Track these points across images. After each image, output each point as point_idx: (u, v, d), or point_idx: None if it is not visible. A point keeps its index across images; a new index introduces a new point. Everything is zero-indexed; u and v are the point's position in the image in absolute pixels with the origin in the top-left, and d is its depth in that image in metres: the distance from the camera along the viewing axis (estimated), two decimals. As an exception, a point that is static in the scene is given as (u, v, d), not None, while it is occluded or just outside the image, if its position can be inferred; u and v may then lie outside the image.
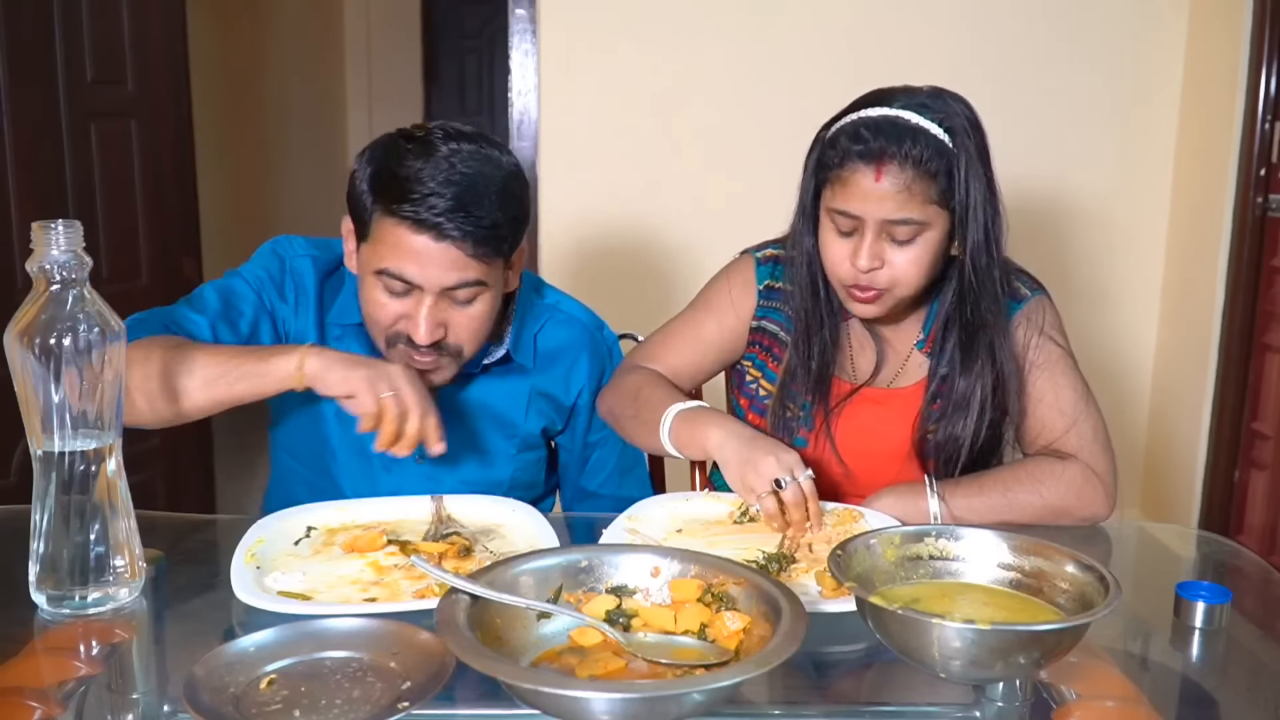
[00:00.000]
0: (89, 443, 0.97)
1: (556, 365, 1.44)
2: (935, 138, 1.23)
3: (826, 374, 1.38)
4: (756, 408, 1.44)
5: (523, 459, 1.45)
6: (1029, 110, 2.88)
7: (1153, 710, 0.95)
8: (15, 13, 2.42)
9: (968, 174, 1.24)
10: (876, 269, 1.26)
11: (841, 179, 1.25)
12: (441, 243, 1.20)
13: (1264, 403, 2.73)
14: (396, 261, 1.21)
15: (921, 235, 1.25)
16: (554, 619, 0.88)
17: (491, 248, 1.23)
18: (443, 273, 1.22)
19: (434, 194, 1.19)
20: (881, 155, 1.22)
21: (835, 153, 1.26)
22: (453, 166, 1.20)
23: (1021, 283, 1.40)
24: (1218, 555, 1.34)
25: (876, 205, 1.23)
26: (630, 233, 2.90)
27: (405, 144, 1.23)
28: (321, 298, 1.37)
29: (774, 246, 1.45)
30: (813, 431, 1.40)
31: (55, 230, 0.94)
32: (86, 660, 0.95)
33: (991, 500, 1.28)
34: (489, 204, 1.21)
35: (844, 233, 1.28)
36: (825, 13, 2.84)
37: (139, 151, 2.81)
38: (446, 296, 1.24)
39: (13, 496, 1.85)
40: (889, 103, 1.25)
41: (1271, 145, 2.67)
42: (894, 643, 0.85)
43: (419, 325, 1.23)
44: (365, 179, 1.24)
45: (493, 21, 5.39)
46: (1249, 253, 2.71)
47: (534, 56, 2.85)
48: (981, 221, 1.26)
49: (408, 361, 1.27)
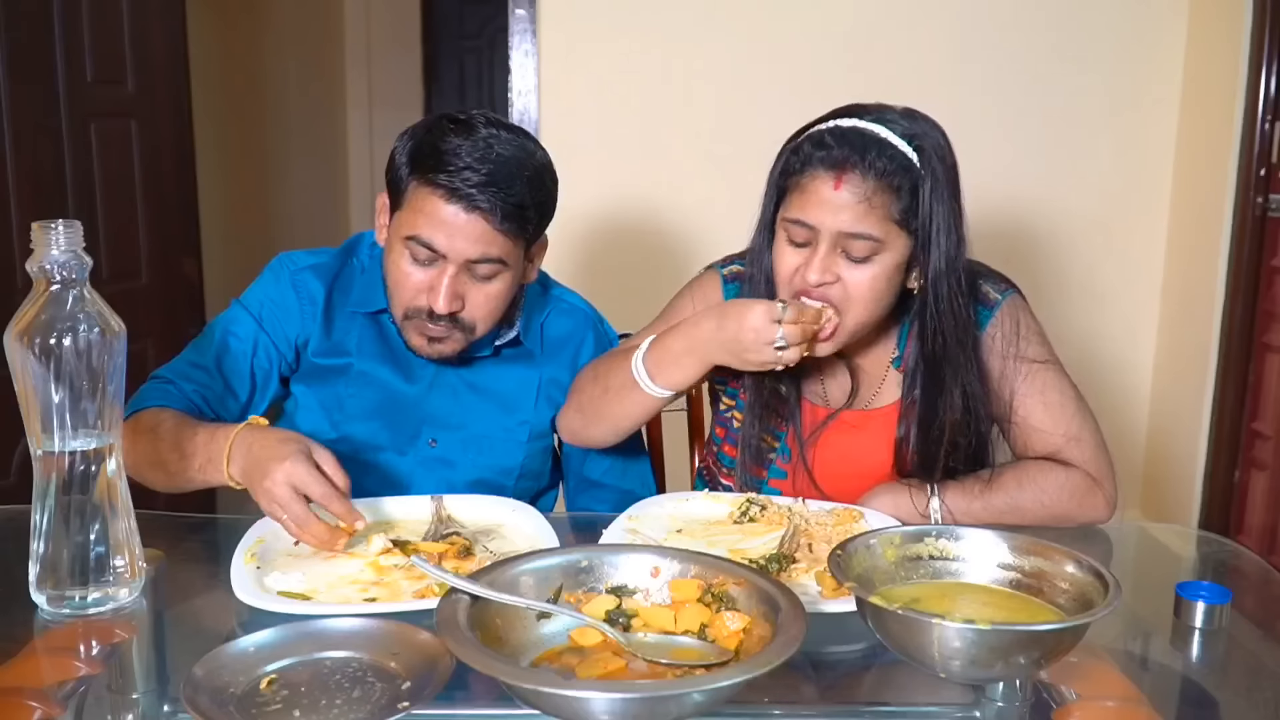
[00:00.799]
0: (89, 443, 0.97)
1: (563, 352, 1.48)
2: (901, 153, 1.19)
3: (791, 399, 1.35)
4: (732, 439, 1.42)
5: (532, 447, 1.47)
6: (1029, 110, 2.88)
7: (1153, 710, 0.95)
8: (15, 13, 2.42)
9: (932, 196, 1.20)
10: (828, 284, 1.22)
11: (801, 186, 1.22)
12: (471, 214, 1.25)
13: (1264, 403, 2.73)
14: (427, 229, 1.26)
15: (877, 255, 1.21)
16: (554, 619, 0.88)
17: (516, 225, 1.28)
18: (468, 244, 1.26)
19: (469, 168, 1.24)
20: (844, 164, 1.18)
21: (798, 159, 1.23)
22: (490, 146, 1.26)
23: (990, 285, 1.35)
24: (1218, 555, 1.34)
25: (833, 215, 1.19)
26: (630, 232, 2.90)
27: (448, 123, 1.29)
28: (331, 298, 1.42)
29: (738, 263, 1.41)
30: (789, 462, 1.37)
31: (55, 230, 0.94)
32: (86, 660, 0.95)
33: (993, 502, 1.27)
34: (520, 184, 1.27)
35: (797, 243, 1.23)
36: (825, 13, 2.83)
37: (139, 151, 2.81)
38: (468, 270, 1.28)
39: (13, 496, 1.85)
40: (859, 116, 1.23)
41: (1271, 145, 2.67)
42: (894, 643, 0.84)
43: (439, 294, 1.27)
44: (405, 151, 1.30)
45: (493, 21, 5.39)
46: (1249, 253, 2.71)
47: (534, 56, 2.86)
48: (944, 249, 1.22)
49: (422, 332, 1.32)
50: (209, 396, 1.36)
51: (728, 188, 2.90)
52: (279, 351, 1.40)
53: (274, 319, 1.40)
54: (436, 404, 1.43)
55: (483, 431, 1.44)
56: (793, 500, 1.29)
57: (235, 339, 1.39)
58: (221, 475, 1.18)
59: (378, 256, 1.41)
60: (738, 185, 2.91)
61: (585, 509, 1.52)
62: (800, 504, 1.28)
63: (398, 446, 1.43)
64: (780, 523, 1.23)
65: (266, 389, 1.41)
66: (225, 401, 1.38)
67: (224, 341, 1.39)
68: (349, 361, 1.41)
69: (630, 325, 1.72)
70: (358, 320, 1.42)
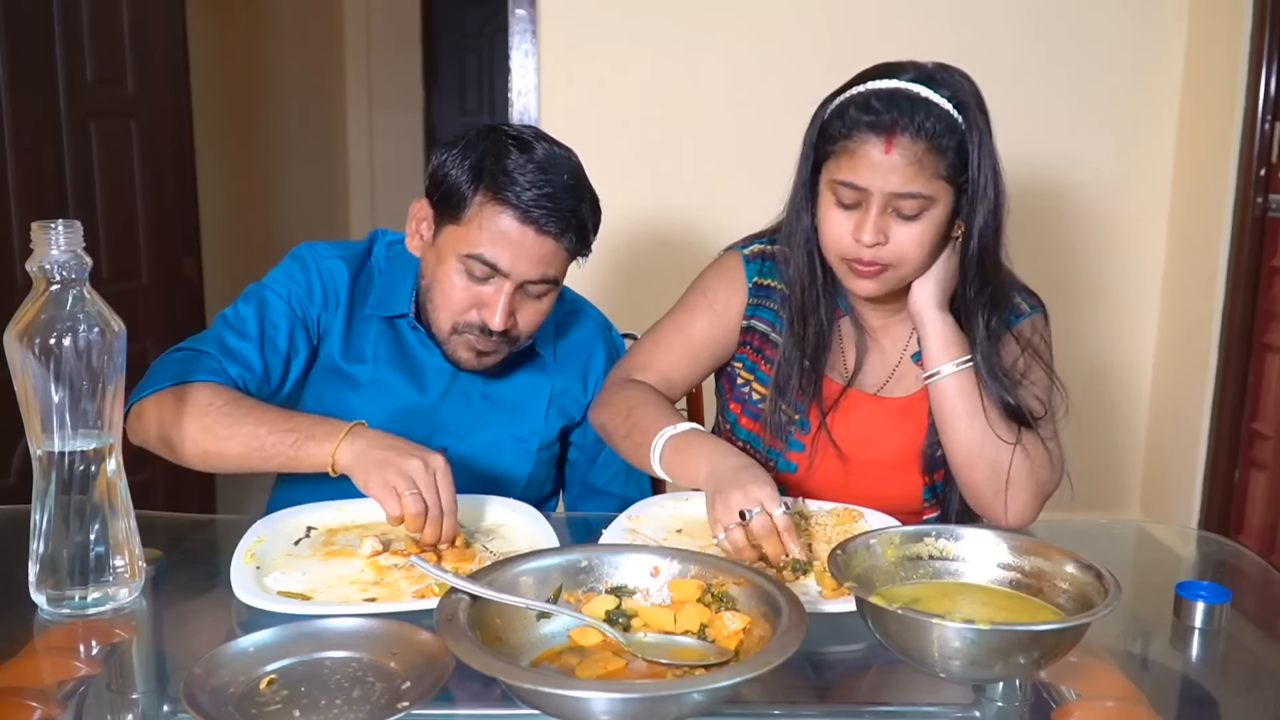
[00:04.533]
0: (89, 443, 0.97)
1: (574, 360, 1.48)
2: (946, 112, 1.21)
3: (820, 364, 1.36)
4: (750, 412, 1.42)
5: (540, 456, 1.47)
6: (1028, 110, 2.87)
7: (1153, 710, 0.95)
8: (15, 13, 2.42)
9: (980, 150, 1.23)
10: (880, 244, 1.23)
11: (849, 150, 1.22)
12: (542, 236, 1.26)
13: (1264, 403, 2.73)
14: (493, 248, 1.26)
15: (927, 211, 1.23)
16: (554, 619, 0.88)
17: (581, 245, 1.31)
18: (532, 265, 1.27)
19: (538, 188, 1.25)
20: (893, 127, 1.20)
21: (842, 124, 1.23)
22: (554, 166, 1.28)
23: (1022, 299, 1.38)
24: (1218, 555, 1.34)
25: (884, 178, 1.21)
26: (631, 232, 2.90)
27: (507, 139, 1.28)
28: (353, 293, 1.41)
29: (760, 242, 1.42)
30: (808, 435, 1.38)
31: (55, 230, 0.94)
32: (86, 660, 0.95)
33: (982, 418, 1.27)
34: (585, 205, 1.30)
35: (846, 205, 1.25)
36: (826, 11, 2.84)
37: (139, 151, 2.81)
38: (522, 288, 1.29)
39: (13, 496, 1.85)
40: (897, 75, 1.23)
41: (1271, 145, 2.66)
42: (894, 643, 0.84)
43: (495, 313, 1.28)
44: (464, 166, 1.28)
45: (493, 21, 5.39)
46: (1249, 253, 2.70)
47: (534, 56, 2.85)
48: (991, 199, 1.25)
49: (471, 347, 1.32)
50: (250, 380, 1.33)
51: (728, 186, 2.90)
52: (309, 339, 1.39)
53: (301, 306, 1.38)
54: (449, 412, 1.42)
55: (493, 440, 1.44)
56: (791, 500, 1.29)
57: (271, 325, 1.36)
58: (326, 451, 1.18)
59: (395, 259, 1.41)
60: (739, 183, 2.92)
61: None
62: (800, 504, 1.28)
63: None
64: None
65: (296, 376, 1.39)
66: (262, 388, 1.35)
67: (261, 326, 1.35)
68: (364, 369, 1.40)
69: (631, 324, 1.72)
70: (374, 324, 1.41)
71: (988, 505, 1.29)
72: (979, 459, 1.28)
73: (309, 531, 1.19)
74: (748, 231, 1.46)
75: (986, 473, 1.28)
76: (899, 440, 1.38)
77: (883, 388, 1.40)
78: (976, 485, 1.29)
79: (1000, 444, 1.27)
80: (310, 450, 1.19)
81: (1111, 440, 3.08)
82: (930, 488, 1.39)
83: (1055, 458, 1.31)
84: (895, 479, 1.38)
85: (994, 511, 1.29)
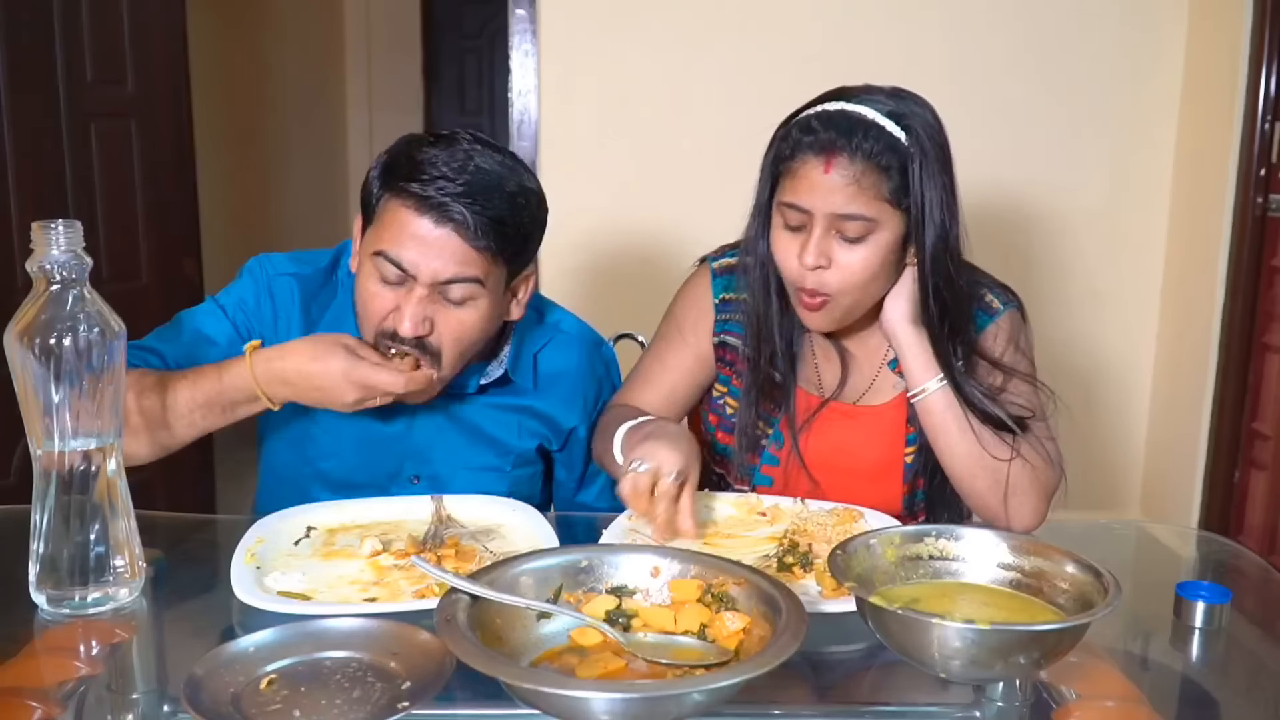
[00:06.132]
0: (89, 443, 0.97)
1: (557, 388, 1.41)
2: (888, 133, 1.20)
3: (785, 383, 1.35)
4: (725, 425, 1.42)
5: (518, 474, 1.41)
6: (1028, 111, 2.88)
7: (1153, 710, 0.95)
8: (15, 13, 2.42)
9: (922, 173, 1.21)
10: (823, 268, 1.22)
11: (792, 171, 1.23)
12: (443, 227, 1.17)
13: (1264, 403, 2.73)
14: (394, 244, 1.18)
15: (871, 235, 1.21)
16: (554, 619, 0.88)
17: (494, 243, 1.19)
18: (440, 261, 1.18)
19: (444, 177, 1.17)
20: (831, 147, 1.19)
21: (787, 145, 1.24)
22: (469, 158, 1.19)
23: (994, 295, 1.36)
24: (1218, 555, 1.34)
25: (825, 198, 1.20)
26: (631, 232, 2.90)
27: (428, 136, 1.23)
28: (309, 312, 1.34)
29: (730, 255, 1.41)
30: (782, 449, 1.37)
31: (55, 230, 0.94)
32: (86, 660, 0.95)
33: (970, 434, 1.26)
34: (499, 199, 1.19)
35: (792, 227, 1.24)
36: (826, 13, 2.84)
37: (139, 151, 2.81)
38: (439, 293, 1.20)
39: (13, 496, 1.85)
40: (847, 99, 1.24)
41: (1271, 145, 2.67)
42: (894, 643, 0.84)
43: (404, 316, 1.19)
44: (379, 165, 1.24)
45: (493, 21, 5.39)
46: (1249, 253, 2.70)
47: (534, 56, 2.85)
48: (938, 223, 1.22)
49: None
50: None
51: (728, 187, 2.89)
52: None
53: (248, 325, 1.32)
54: (419, 440, 1.36)
55: (467, 465, 1.38)
56: (793, 500, 1.29)
57: (207, 341, 1.30)
58: (247, 378, 1.17)
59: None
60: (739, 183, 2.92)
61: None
62: (800, 504, 1.28)
63: (378, 484, 1.35)
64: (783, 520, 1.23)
65: None
66: None
67: (194, 340, 1.30)
68: None
69: (628, 326, 1.72)
70: None
71: (995, 513, 1.28)
72: (979, 469, 1.27)
73: (309, 531, 1.19)
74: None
75: (988, 481, 1.27)
76: (878, 448, 1.37)
77: (861, 397, 1.39)
78: (981, 495, 1.28)
79: (998, 451, 1.27)
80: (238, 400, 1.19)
81: (1111, 440, 3.08)
82: (909, 497, 1.39)
83: (1053, 457, 1.30)
84: (874, 489, 1.36)
85: (1002, 519, 1.28)
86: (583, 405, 1.43)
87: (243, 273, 1.36)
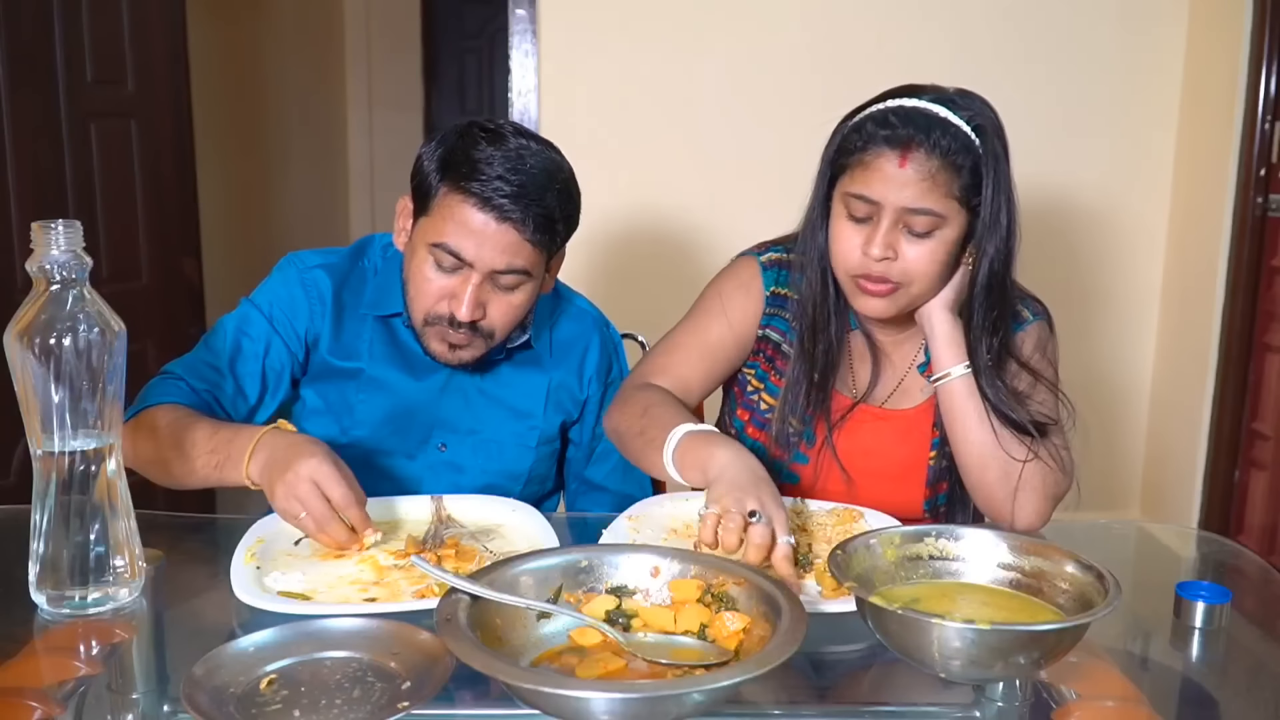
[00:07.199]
0: (89, 443, 0.97)
1: (570, 355, 1.48)
2: (963, 132, 1.22)
3: (828, 380, 1.36)
4: (757, 420, 1.42)
5: (540, 452, 1.48)
6: (1028, 111, 2.87)
7: (1153, 710, 0.95)
8: (15, 13, 2.42)
9: (995, 175, 1.23)
10: (889, 259, 1.24)
11: (864, 163, 1.23)
12: (502, 224, 1.25)
13: (1264, 403, 2.73)
14: (455, 237, 1.26)
15: (938, 230, 1.23)
16: (554, 619, 0.88)
17: (546, 237, 1.29)
18: (496, 254, 1.26)
19: (501, 178, 1.25)
20: (909, 142, 1.21)
21: (859, 137, 1.24)
22: (521, 158, 1.27)
23: (1025, 306, 1.38)
24: (1218, 555, 1.34)
25: (897, 191, 1.21)
26: (631, 231, 2.90)
27: (479, 132, 1.29)
28: (340, 298, 1.41)
29: (775, 250, 1.42)
30: (813, 448, 1.38)
31: (55, 230, 0.94)
32: (86, 660, 0.95)
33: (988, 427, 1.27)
34: (551, 196, 1.28)
35: (858, 219, 1.25)
36: (826, 12, 2.84)
37: (139, 151, 2.81)
38: (491, 279, 1.29)
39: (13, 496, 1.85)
40: (918, 95, 1.25)
41: (1271, 145, 2.67)
42: (894, 643, 0.85)
43: (462, 302, 1.28)
44: (435, 157, 1.30)
45: (493, 21, 5.39)
46: (1249, 253, 2.71)
47: (534, 56, 2.86)
48: (1003, 226, 1.25)
49: (443, 339, 1.32)
50: (220, 396, 1.36)
51: (729, 187, 2.90)
52: (290, 352, 1.40)
53: (285, 318, 1.40)
54: (447, 409, 1.43)
55: (493, 436, 1.44)
56: (792, 500, 1.29)
57: (248, 339, 1.38)
58: (240, 473, 1.18)
59: (392, 259, 1.41)
60: (739, 183, 2.92)
61: (585, 511, 1.52)
62: (800, 504, 1.28)
63: (407, 451, 1.42)
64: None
65: (278, 390, 1.41)
66: (236, 402, 1.38)
67: (237, 341, 1.38)
68: (360, 366, 1.41)
69: (631, 324, 1.72)
70: (369, 323, 1.41)
71: (1000, 507, 1.29)
72: (991, 460, 1.27)
73: (309, 531, 1.19)
74: (746, 231, 1.47)
75: (999, 473, 1.27)
76: (904, 451, 1.38)
77: (888, 400, 1.40)
78: (989, 486, 1.28)
79: (1015, 450, 1.27)
80: (229, 473, 1.21)
81: (1112, 440, 3.08)
82: (931, 500, 1.39)
83: (1067, 465, 1.30)
84: (898, 490, 1.38)
85: (1006, 514, 1.28)
86: (594, 375, 1.49)
87: (274, 271, 1.44)
